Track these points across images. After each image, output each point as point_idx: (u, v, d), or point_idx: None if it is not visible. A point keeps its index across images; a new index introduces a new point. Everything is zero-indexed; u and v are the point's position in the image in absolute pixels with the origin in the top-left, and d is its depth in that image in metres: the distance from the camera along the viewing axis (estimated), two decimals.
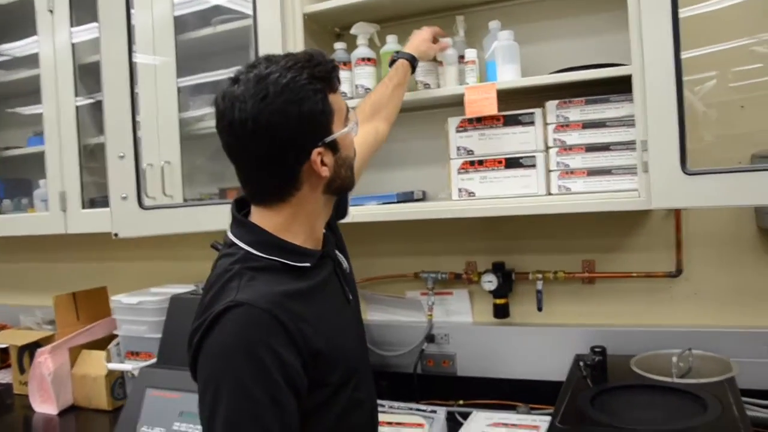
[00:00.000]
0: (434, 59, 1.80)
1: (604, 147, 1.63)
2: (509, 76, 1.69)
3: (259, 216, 1.13)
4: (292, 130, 1.04)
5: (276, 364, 0.97)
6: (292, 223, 1.12)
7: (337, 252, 1.25)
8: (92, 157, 2.32)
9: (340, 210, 1.35)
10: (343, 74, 1.87)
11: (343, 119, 1.13)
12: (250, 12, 1.83)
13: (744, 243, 1.78)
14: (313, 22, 1.93)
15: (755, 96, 1.69)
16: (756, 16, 1.69)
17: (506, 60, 1.70)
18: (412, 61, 1.69)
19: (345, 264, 1.27)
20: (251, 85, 1.03)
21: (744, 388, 1.51)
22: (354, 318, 1.26)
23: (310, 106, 1.04)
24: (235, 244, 1.11)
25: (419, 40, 1.73)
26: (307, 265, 1.11)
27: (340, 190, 1.17)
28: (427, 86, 1.80)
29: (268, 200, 1.11)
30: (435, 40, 1.76)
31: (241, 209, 1.17)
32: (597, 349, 1.62)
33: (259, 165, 1.07)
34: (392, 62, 1.69)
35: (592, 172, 1.64)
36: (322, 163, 1.08)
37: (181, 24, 2.08)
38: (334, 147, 1.10)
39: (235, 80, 1.06)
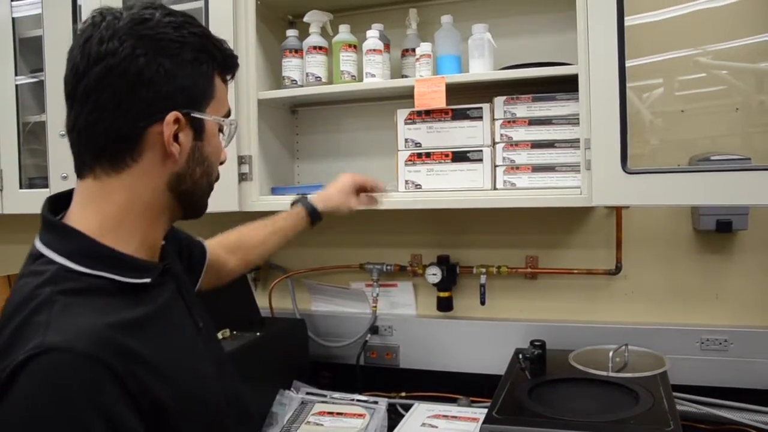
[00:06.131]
0: None
1: (549, 144, 1.65)
2: (481, 69, 1.69)
3: (80, 206, 0.88)
4: (154, 73, 0.84)
5: (108, 429, 0.73)
6: (125, 218, 0.87)
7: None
8: (34, 138, 2.24)
9: (194, 264, 1.18)
10: (294, 62, 1.87)
11: (220, 114, 0.94)
12: None
13: (680, 244, 1.83)
14: (266, 8, 1.91)
15: (698, 105, 1.75)
16: (701, 29, 1.75)
17: (484, 52, 1.70)
18: (312, 214, 1.44)
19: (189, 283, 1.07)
20: (129, 16, 0.85)
21: (676, 383, 1.56)
22: (207, 350, 1.00)
23: (189, 66, 0.87)
24: (45, 257, 0.84)
25: (336, 189, 1.48)
26: (147, 281, 0.87)
27: (187, 198, 0.93)
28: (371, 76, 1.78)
29: (98, 164, 0.86)
30: (363, 190, 1.52)
31: (58, 211, 0.90)
32: (537, 343, 1.65)
33: (98, 101, 0.83)
34: (293, 203, 1.47)
35: (537, 169, 1.66)
36: (175, 138, 0.87)
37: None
38: (196, 129, 0.90)
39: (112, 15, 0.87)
